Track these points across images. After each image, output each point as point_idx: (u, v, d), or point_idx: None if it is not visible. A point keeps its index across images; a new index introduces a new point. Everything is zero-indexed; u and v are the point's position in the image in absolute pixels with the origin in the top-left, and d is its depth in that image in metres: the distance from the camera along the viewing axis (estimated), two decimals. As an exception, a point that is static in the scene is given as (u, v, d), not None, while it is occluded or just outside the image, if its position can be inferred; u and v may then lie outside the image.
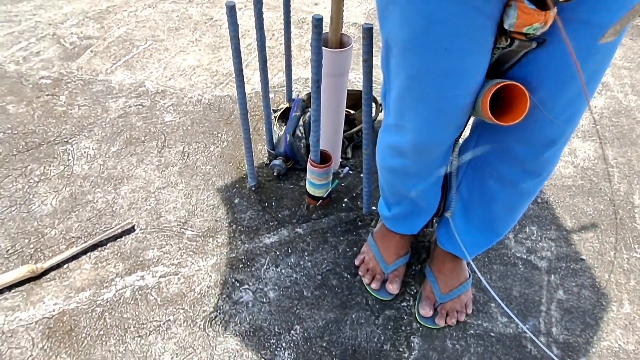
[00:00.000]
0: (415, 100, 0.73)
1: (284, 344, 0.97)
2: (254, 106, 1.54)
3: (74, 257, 1.09)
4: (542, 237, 1.20)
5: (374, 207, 1.23)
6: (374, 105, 1.45)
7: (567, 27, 0.58)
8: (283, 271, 1.09)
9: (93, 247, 1.11)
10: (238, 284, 1.06)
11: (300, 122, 1.32)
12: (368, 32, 0.91)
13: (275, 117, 1.41)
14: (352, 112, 1.40)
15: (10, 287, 1.03)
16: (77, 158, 1.34)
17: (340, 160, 1.36)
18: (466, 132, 0.87)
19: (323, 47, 0.99)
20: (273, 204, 1.23)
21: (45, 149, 1.36)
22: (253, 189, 1.27)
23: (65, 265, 1.08)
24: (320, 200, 1.20)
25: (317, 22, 0.88)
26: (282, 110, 1.43)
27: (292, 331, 0.99)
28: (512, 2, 0.58)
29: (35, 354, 0.94)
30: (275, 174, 1.30)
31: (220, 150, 1.38)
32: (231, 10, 0.94)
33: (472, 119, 0.84)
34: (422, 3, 0.60)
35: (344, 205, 1.24)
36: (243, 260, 1.10)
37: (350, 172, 1.34)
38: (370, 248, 1.09)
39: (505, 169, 0.83)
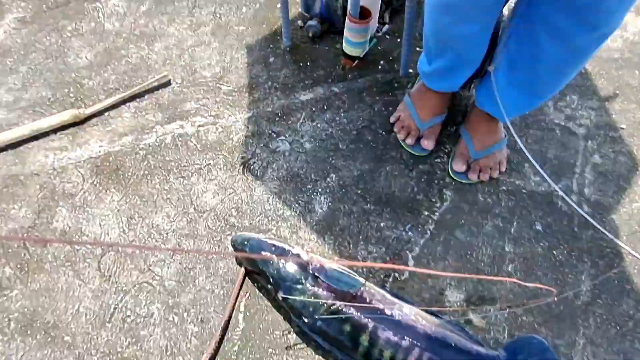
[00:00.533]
0: None
1: (320, 190, 1.01)
2: (286, -31, 1.45)
3: (114, 107, 1.11)
4: (582, 106, 1.17)
5: (411, 70, 1.20)
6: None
7: None
8: (319, 125, 1.10)
9: (131, 98, 1.12)
10: (275, 135, 1.08)
11: (337, -18, 1.25)
12: None
13: (309, -22, 1.34)
14: (391, -26, 1.32)
15: (55, 130, 1.06)
16: (108, 15, 1.31)
17: (378, 25, 1.30)
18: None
19: None
20: (308, 64, 1.21)
21: (74, 5, 1.33)
22: (287, 49, 1.24)
23: (106, 113, 1.10)
24: (357, 61, 1.18)
25: None
26: (317, -30, 1.35)
27: (328, 179, 1.02)
28: None
29: (86, 188, 0.99)
30: (310, 35, 1.26)
31: (253, 12, 1.33)
32: None
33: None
34: None
35: (380, 67, 1.21)
36: (279, 114, 1.11)
37: (387, 36, 1.29)
38: (406, 106, 1.09)
39: (560, 19, 0.78)
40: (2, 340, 0.84)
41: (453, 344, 0.81)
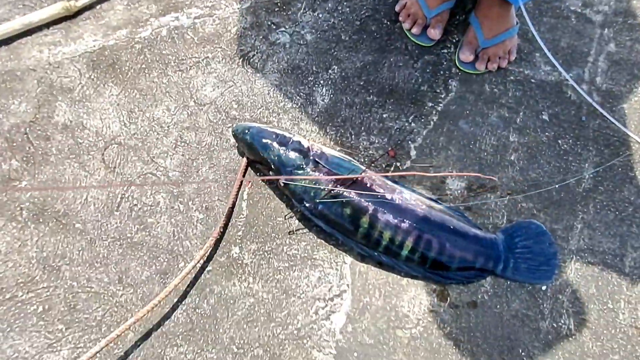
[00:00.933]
0: None
1: (322, 82, 0.98)
2: None
3: (106, -1, 1.06)
4: (602, -8, 1.10)
5: (419, -46, 1.11)
6: None
7: None
8: (320, 16, 1.04)
9: (123, -10, 1.07)
10: (274, 27, 1.03)
11: None
12: None
13: None
14: None
15: (48, 25, 1.03)
16: None
17: None
18: None
19: None
20: (308, -51, 1.13)
21: None
22: None
23: (98, 6, 1.05)
24: (361, -55, 1.09)
25: None
26: None
27: (330, 71, 0.99)
28: None
29: (84, 82, 0.98)
30: None
31: None
32: None
33: None
34: None
35: (386, -48, 1.13)
36: (278, 4, 1.05)
37: None
38: (413, -8, 1.02)
39: None
40: (16, 227, 0.87)
41: (452, 227, 0.83)
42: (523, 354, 0.80)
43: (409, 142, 0.94)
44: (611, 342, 0.80)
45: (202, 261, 0.84)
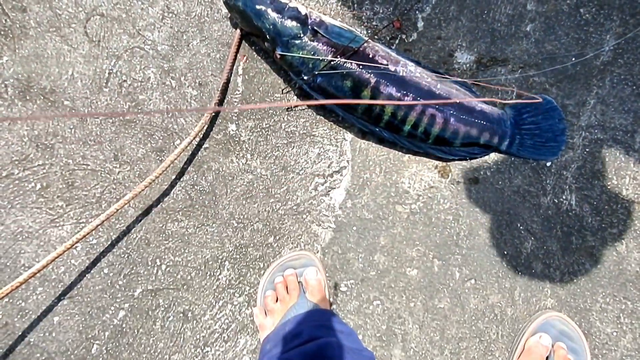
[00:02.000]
0: None
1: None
2: None
3: None
4: None
5: None
6: None
7: None
8: None
9: None
10: None
11: None
12: None
13: None
14: None
15: None
16: None
17: None
18: None
19: None
20: None
21: None
22: None
23: None
24: None
25: None
26: None
27: None
28: None
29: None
30: None
31: None
32: None
33: None
34: None
35: None
36: None
37: None
38: None
39: None
40: (3, 105, 0.84)
41: (457, 101, 0.79)
42: (521, 228, 0.81)
43: (417, 11, 0.86)
44: (611, 217, 0.80)
45: (198, 138, 0.82)
